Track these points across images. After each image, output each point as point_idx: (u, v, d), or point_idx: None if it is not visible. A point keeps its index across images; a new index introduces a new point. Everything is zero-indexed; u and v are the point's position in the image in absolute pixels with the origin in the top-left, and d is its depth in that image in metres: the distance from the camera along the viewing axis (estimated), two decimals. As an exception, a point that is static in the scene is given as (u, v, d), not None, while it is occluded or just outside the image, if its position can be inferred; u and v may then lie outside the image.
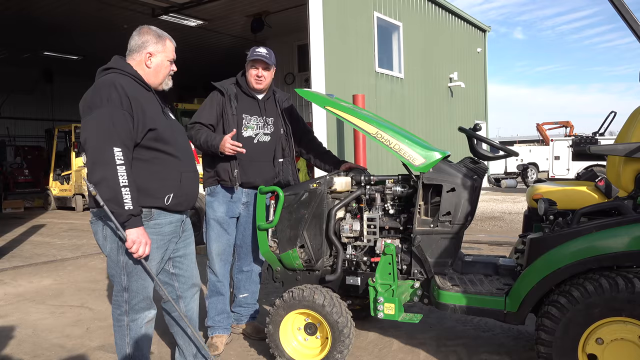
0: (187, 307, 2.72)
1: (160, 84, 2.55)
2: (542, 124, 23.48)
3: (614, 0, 2.56)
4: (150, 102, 2.44)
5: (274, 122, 3.45)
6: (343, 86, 9.44)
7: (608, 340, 2.38)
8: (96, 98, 2.29)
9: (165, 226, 2.47)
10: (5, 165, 16.91)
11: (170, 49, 2.55)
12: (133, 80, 2.41)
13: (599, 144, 3.06)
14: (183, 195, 2.50)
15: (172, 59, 2.57)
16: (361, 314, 3.68)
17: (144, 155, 2.38)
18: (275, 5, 11.24)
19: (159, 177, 2.41)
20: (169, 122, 2.51)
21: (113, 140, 2.23)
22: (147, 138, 2.37)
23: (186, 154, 2.55)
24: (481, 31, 16.68)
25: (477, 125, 3.18)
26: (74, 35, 13.19)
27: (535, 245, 2.59)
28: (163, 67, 2.53)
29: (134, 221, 2.27)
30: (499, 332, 3.61)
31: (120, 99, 2.28)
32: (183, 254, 2.67)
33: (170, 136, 2.46)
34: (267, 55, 3.32)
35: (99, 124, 2.25)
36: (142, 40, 2.48)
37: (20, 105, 18.94)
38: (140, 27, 2.53)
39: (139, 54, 2.48)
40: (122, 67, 2.43)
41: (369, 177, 3.15)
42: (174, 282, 2.67)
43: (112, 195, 2.21)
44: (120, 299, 2.45)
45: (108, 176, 2.21)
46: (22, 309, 4.58)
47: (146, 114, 2.36)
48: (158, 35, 2.51)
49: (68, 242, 8.32)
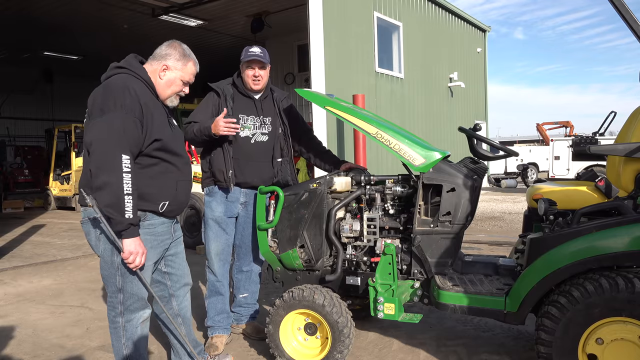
0: (180, 305, 2.73)
1: (166, 99, 2.54)
2: (542, 124, 23.49)
3: (614, 0, 2.55)
4: (159, 111, 2.44)
5: (271, 121, 3.44)
6: (343, 86, 9.44)
7: (608, 340, 2.37)
8: (109, 101, 2.25)
9: (158, 226, 2.48)
10: (5, 165, 16.90)
11: (189, 71, 2.53)
12: (145, 85, 2.41)
13: (599, 144, 3.05)
14: (177, 204, 2.52)
15: (187, 81, 2.56)
16: (361, 314, 3.68)
17: (145, 162, 2.38)
18: (275, 5, 11.25)
19: (157, 185, 2.41)
20: (173, 132, 2.52)
21: (122, 146, 2.21)
22: (151, 147, 2.37)
23: (184, 164, 2.57)
24: (481, 31, 16.68)
25: (477, 125, 3.17)
26: (74, 35, 13.20)
27: (535, 245, 2.59)
28: (174, 85, 2.52)
29: (132, 231, 2.25)
30: (499, 332, 3.61)
31: (133, 105, 2.27)
32: (174, 253, 2.68)
33: (174, 146, 2.47)
34: (262, 54, 3.31)
35: (110, 128, 2.21)
36: (166, 52, 2.49)
37: (20, 105, 18.95)
38: (172, 40, 2.55)
39: (158, 62, 2.48)
40: (135, 69, 2.41)
41: (369, 177, 3.15)
42: (166, 280, 2.67)
43: (114, 202, 2.19)
44: (114, 300, 2.45)
45: (113, 182, 2.18)
46: (22, 309, 4.58)
47: (155, 122, 2.36)
48: (184, 55, 2.51)
49: (68, 242, 8.32)
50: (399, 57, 11.83)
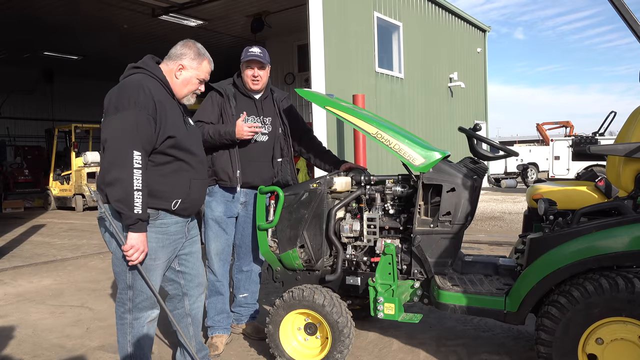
0: (192, 305, 2.72)
1: (182, 98, 2.57)
2: (542, 124, 23.50)
3: (614, 1, 2.55)
4: (174, 109, 2.47)
5: (271, 121, 3.44)
6: (343, 86, 9.45)
7: (608, 340, 2.37)
8: (123, 99, 2.29)
9: (171, 226, 2.49)
10: (5, 165, 16.91)
11: (204, 69, 2.57)
12: (160, 84, 2.44)
13: (599, 144, 3.05)
14: (190, 202, 2.53)
15: (202, 79, 2.59)
16: (361, 314, 3.68)
17: (159, 160, 2.41)
18: (275, 5, 11.25)
19: (169, 182, 2.43)
20: (188, 131, 2.54)
21: (135, 143, 2.25)
22: (165, 144, 2.39)
23: (199, 162, 2.58)
24: (481, 31, 16.68)
25: (477, 125, 3.18)
26: (74, 35, 13.20)
27: (535, 245, 2.59)
28: (190, 84, 2.55)
29: (140, 226, 2.28)
30: (499, 332, 3.61)
31: (147, 102, 2.30)
32: (189, 252, 2.68)
33: (188, 144, 2.49)
34: (262, 55, 3.32)
35: (123, 125, 2.25)
36: (181, 52, 2.52)
37: (20, 105, 18.97)
38: (186, 40, 2.58)
39: (174, 62, 2.51)
40: (152, 69, 2.45)
41: (369, 177, 3.15)
42: (180, 279, 2.67)
43: (123, 197, 2.22)
44: (124, 296, 2.46)
45: (123, 177, 2.22)
46: (22, 309, 4.58)
47: (168, 120, 2.39)
48: (198, 53, 2.55)
49: (68, 242, 8.32)
50: (399, 57, 11.83)
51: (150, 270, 2.44)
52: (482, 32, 16.74)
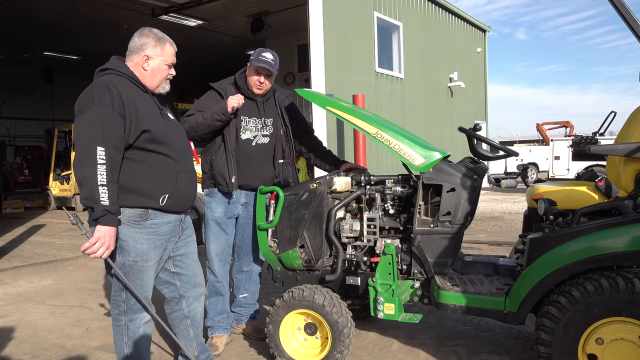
0: (190, 307, 2.69)
1: (156, 87, 2.53)
2: (542, 124, 23.51)
3: (614, 1, 2.55)
4: (146, 103, 2.43)
5: (273, 122, 3.43)
6: (343, 86, 9.45)
7: (608, 340, 2.37)
8: (88, 99, 2.29)
9: (162, 226, 2.46)
10: (5, 165, 16.89)
11: (169, 53, 2.52)
12: (129, 81, 2.41)
13: (599, 144, 3.05)
14: (179, 196, 2.48)
15: (170, 63, 2.54)
16: (361, 314, 3.68)
17: (138, 156, 2.37)
18: (275, 5, 11.25)
19: (153, 178, 2.39)
20: (167, 123, 2.50)
21: (97, 139, 2.22)
22: (141, 139, 2.35)
23: (183, 155, 2.54)
24: (481, 31, 16.68)
25: (477, 125, 3.17)
26: (74, 35, 13.20)
27: (535, 245, 2.59)
28: (160, 71, 2.50)
29: (108, 218, 2.21)
30: (499, 332, 3.61)
31: (112, 100, 2.27)
32: (183, 253, 2.65)
33: (167, 137, 2.44)
34: (273, 64, 3.25)
35: (88, 124, 2.25)
36: (141, 42, 2.47)
37: (20, 105, 18.94)
38: (141, 29, 2.52)
39: (137, 55, 2.47)
40: (119, 67, 2.42)
41: (369, 177, 3.15)
42: (175, 280, 2.65)
43: (89, 194, 2.19)
44: (118, 298, 2.45)
45: (88, 175, 2.19)
46: (22, 309, 4.58)
47: (140, 115, 2.35)
48: (158, 39, 2.49)
49: (68, 242, 8.33)
50: (399, 57, 11.83)
51: (142, 271, 2.42)
52: (482, 32, 16.74)
